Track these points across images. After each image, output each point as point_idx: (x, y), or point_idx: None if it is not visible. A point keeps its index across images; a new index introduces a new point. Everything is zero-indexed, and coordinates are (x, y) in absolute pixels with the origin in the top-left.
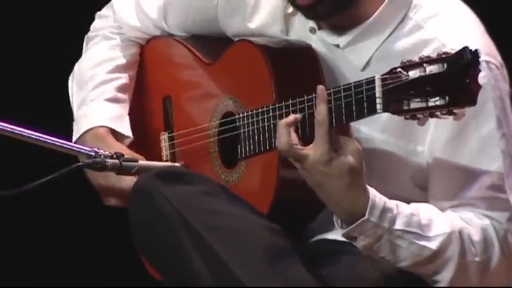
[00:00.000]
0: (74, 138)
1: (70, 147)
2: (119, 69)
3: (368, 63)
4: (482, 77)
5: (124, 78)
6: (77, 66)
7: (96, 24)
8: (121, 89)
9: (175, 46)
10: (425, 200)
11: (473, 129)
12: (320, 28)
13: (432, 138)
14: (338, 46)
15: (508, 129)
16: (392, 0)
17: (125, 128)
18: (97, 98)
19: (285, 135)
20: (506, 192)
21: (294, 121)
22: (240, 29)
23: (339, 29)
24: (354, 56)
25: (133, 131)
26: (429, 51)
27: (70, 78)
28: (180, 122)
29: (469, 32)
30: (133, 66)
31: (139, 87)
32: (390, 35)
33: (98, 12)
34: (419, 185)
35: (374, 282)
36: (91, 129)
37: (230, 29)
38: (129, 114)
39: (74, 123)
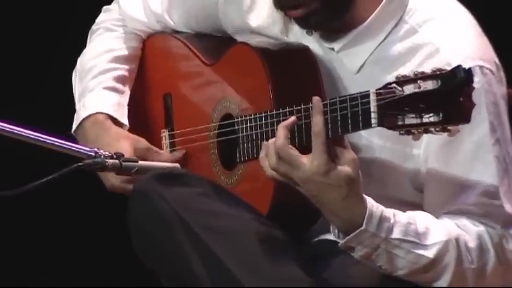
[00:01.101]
0: (73, 128)
1: (70, 147)
2: (119, 60)
3: (362, 67)
4: (476, 82)
5: (123, 70)
6: (80, 59)
7: (100, 17)
8: (119, 79)
9: (176, 44)
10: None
11: (466, 135)
12: (316, 30)
13: (427, 142)
14: (332, 49)
15: (503, 134)
16: (387, 4)
17: (122, 116)
18: (95, 87)
19: (282, 137)
20: (500, 198)
21: (292, 123)
22: (240, 26)
23: (334, 32)
24: (349, 60)
25: (133, 127)
26: (423, 55)
27: (74, 72)
28: (181, 120)
29: (464, 36)
30: (134, 59)
31: (140, 83)
32: (385, 39)
33: (104, 7)
34: (418, 188)
35: (375, 283)
36: (89, 116)
37: (231, 26)
38: (130, 111)
39: (75, 115)
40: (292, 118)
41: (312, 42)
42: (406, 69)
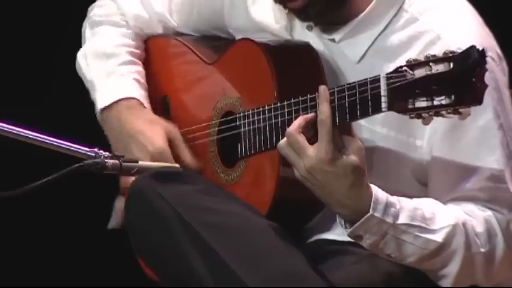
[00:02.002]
0: (102, 104)
1: (70, 147)
2: (136, 56)
3: (363, 56)
4: None
5: (141, 67)
6: (90, 45)
7: (98, 11)
8: (142, 76)
9: (174, 45)
10: (425, 195)
11: (470, 121)
12: (316, 25)
13: (431, 132)
14: (333, 40)
15: (506, 120)
16: None
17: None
18: (127, 74)
19: (295, 125)
20: (506, 183)
21: (312, 117)
22: (243, 22)
23: (335, 24)
24: (350, 50)
25: None
26: (424, 43)
27: (80, 57)
28: (179, 121)
29: (464, 24)
30: (142, 60)
31: None
32: (385, 28)
33: (95, 3)
34: (419, 180)
35: (373, 283)
36: (125, 98)
37: (235, 23)
38: None
39: (97, 92)
40: (313, 114)
41: (313, 37)
42: (408, 57)
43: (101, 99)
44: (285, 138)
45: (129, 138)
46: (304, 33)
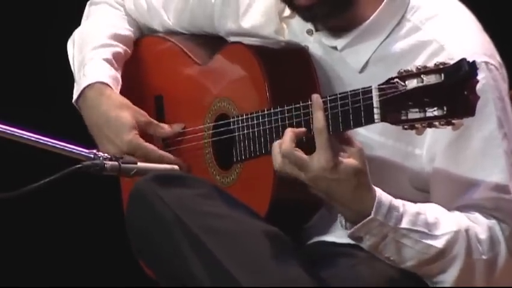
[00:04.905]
0: (74, 97)
1: (69, 149)
2: (118, 38)
3: (365, 65)
4: (481, 78)
5: (120, 48)
6: (79, 30)
7: None
8: (116, 56)
9: (168, 46)
10: (423, 201)
11: (474, 131)
12: (317, 30)
13: (431, 141)
14: (335, 48)
15: (509, 129)
16: (390, 2)
17: (117, 90)
18: (95, 57)
19: (288, 141)
20: (510, 193)
21: (300, 132)
22: (233, 28)
23: (337, 31)
24: (352, 58)
25: None
26: (428, 53)
27: (69, 43)
28: (173, 122)
29: (467, 33)
30: (130, 43)
31: (131, 86)
32: (388, 36)
33: None
34: (418, 187)
35: (372, 285)
36: (91, 84)
37: (223, 29)
38: None
39: (75, 85)
40: (303, 129)
41: (312, 42)
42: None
43: (74, 91)
44: (280, 159)
45: (99, 131)
46: (303, 38)
